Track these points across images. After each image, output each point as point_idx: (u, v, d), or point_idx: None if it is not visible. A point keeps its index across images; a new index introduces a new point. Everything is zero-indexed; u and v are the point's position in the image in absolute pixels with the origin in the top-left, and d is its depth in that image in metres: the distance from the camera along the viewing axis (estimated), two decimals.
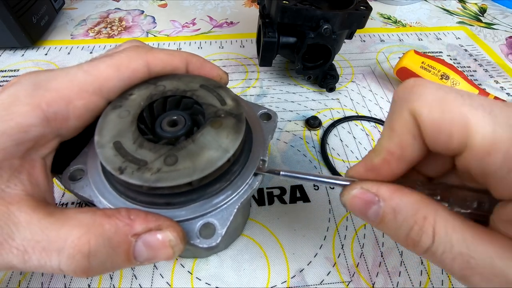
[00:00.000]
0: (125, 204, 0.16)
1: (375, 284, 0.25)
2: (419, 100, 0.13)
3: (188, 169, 0.15)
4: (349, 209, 0.16)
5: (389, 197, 0.14)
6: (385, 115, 0.38)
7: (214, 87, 0.19)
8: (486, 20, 0.57)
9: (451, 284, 0.25)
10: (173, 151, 0.16)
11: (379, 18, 0.56)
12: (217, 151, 0.16)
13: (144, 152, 0.15)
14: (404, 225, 0.14)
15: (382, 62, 0.46)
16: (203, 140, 0.16)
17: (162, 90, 0.19)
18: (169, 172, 0.15)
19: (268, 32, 0.34)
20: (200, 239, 0.15)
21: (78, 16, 0.55)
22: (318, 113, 0.38)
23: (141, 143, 0.16)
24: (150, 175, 0.15)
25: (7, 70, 0.43)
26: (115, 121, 0.17)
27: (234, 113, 0.18)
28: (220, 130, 0.17)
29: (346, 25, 0.34)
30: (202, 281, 0.25)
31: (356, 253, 0.27)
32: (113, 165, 0.15)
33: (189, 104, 0.19)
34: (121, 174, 0.15)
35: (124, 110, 0.17)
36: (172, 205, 0.16)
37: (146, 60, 0.18)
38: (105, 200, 0.16)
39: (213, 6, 0.59)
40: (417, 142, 0.14)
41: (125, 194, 0.17)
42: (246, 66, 0.45)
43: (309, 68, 0.38)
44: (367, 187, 0.15)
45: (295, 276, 0.25)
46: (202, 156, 0.15)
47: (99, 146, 0.16)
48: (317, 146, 0.35)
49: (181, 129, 0.17)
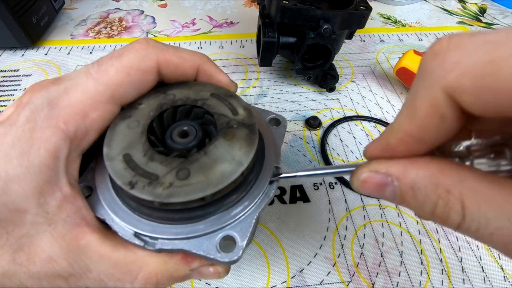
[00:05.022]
0: (139, 221, 0.16)
1: (375, 284, 0.25)
2: (457, 70, 0.10)
3: (202, 184, 0.14)
4: (362, 194, 0.15)
5: (402, 174, 0.12)
6: (385, 115, 0.38)
7: (225, 96, 0.18)
8: (486, 20, 0.57)
9: (451, 284, 0.25)
10: (185, 164, 0.15)
11: (379, 18, 0.56)
12: (230, 164, 0.15)
13: (155, 165, 0.15)
14: (428, 202, 0.12)
15: (382, 62, 0.46)
16: (215, 152, 0.16)
17: (172, 99, 0.18)
18: (181, 186, 0.14)
19: (268, 32, 0.34)
20: (221, 253, 0.15)
21: (78, 16, 0.55)
22: (318, 113, 0.38)
23: (151, 155, 0.15)
24: (162, 190, 0.14)
25: (7, 70, 0.43)
26: (124, 132, 0.16)
27: (247, 123, 0.17)
28: (233, 142, 0.16)
29: (346, 25, 0.34)
30: (202, 281, 0.25)
31: (356, 253, 0.27)
32: (123, 179, 0.14)
33: (199, 114, 0.18)
34: (132, 189, 0.14)
35: (134, 120, 0.17)
36: (188, 220, 0.16)
37: (156, 61, 0.17)
38: (118, 218, 0.16)
39: (213, 6, 0.59)
40: (447, 123, 0.11)
41: (138, 211, 0.16)
42: (246, 66, 0.45)
43: (309, 68, 0.38)
44: (375, 168, 0.13)
45: (295, 276, 0.25)
46: (216, 169, 0.15)
47: (108, 159, 0.15)
48: (317, 146, 0.35)
49: (192, 141, 0.17)
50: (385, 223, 0.29)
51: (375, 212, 0.29)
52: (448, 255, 0.27)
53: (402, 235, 0.28)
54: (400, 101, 0.40)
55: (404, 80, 0.40)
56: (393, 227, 0.28)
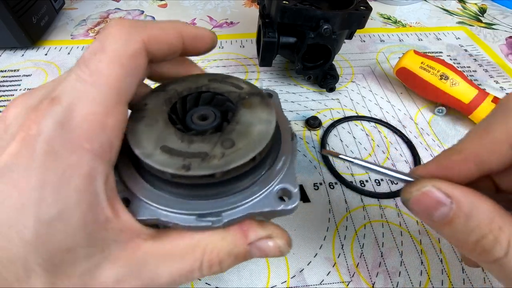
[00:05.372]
0: (196, 204, 0.16)
1: (375, 284, 0.25)
2: None
3: (249, 145, 0.15)
4: (410, 207, 0.15)
5: (463, 200, 0.13)
6: (385, 115, 0.38)
7: (223, 78, 0.19)
8: (486, 20, 0.57)
9: (451, 284, 0.25)
10: (224, 136, 0.16)
11: (379, 18, 0.57)
12: (262, 125, 0.17)
13: (197, 145, 0.15)
14: (476, 232, 0.13)
15: (382, 62, 0.46)
16: (244, 120, 0.17)
17: (175, 92, 0.18)
18: (233, 153, 0.15)
19: (268, 32, 0.34)
20: (283, 204, 0.16)
21: (78, 16, 0.55)
22: (318, 113, 0.38)
23: (189, 139, 0.16)
24: (218, 161, 0.15)
25: (7, 70, 0.43)
26: (147, 131, 0.16)
27: (255, 92, 0.19)
28: (252, 108, 0.17)
29: (346, 25, 0.34)
30: (202, 280, 0.25)
31: (356, 253, 0.27)
32: (175, 166, 0.14)
33: (208, 98, 0.19)
34: (188, 170, 0.14)
35: (150, 118, 0.17)
36: (244, 189, 0.16)
37: (142, 41, 0.15)
38: (172, 210, 0.16)
39: (213, 6, 0.59)
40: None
41: (190, 196, 0.16)
42: (246, 66, 0.45)
43: (309, 68, 0.38)
44: (439, 185, 0.14)
45: (295, 276, 0.25)
46: (253, 131, 0.16)
47: (147, 156, 0.15)
48: (317, 146, 0.35)
49: (214, 121, 0.17)
50: (385, 223, 0.29)
51: (375, 212, 0.29)
52: (448, 255, 0.27)
53: (402, 235, 0.28)
54: (400, 101, 0.40)
55: (404, 80, 0.40)
56: (393, 227, 0.28)
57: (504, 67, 0.46)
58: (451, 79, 0.35)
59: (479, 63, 0.47)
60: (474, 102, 0.34)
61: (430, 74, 0.36)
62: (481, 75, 0.45)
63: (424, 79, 0.36)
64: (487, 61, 0.47)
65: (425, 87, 0.37)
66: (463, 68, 0.46)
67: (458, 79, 0.35)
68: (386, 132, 0.36)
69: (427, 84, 0.36)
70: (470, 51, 0.49)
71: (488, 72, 0.45)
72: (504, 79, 0.44)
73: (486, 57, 0.48)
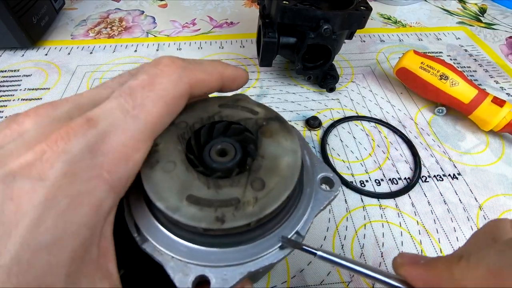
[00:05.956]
0: (234, 252, 0.14)
1: (375, 284, 0.25)
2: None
3: (281, 182, 0.14)
4: None
5: None
6: (385, 115, 0.38)
7: (233, 102, 0.18)
8: (486, 20, 0.57)
9: None
10: (253, 176, 0.14)
11: (379, 18, 0.57)
12: (288, 156, 0.15)
13: (226, 190, 0.14)
14: None
15: (382, 62, 0.46)
16: (269, 152, 0.15)
17: (187, 126, 0.16)
18: (267, 195, 0.14)
19: (268, 32, 0.34)
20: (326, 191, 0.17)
21: (78, 16, 0.55)
22: (318, 113, 0.38)
23: (216, 183, 0.14)
24: (252, 208, 0.13)
25: (7, 70, 0.43)
26: (165, 179, 0.14)
27: (272, 116, 0.17)
28: (274, 136, 0.16)
29: (346, 25, 0.34)
30: None
31: (356, 253, 0.27)
32: (208, 219, 0.13)
33: (221, 129, 0.17)
34: (223, 223, 0.13)
35: (165, 162, 0.15)
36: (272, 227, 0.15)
37: (188, 83, 0.15)
38: (219, 266, 0.14)
39: (213, 6, 0.59)
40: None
41: (226, 245, 0.14)
42: (246, 66, 0.45)
43: (309, 68, 0.38)
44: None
45: (295, 276, 0.25)
46: (280, 165, 0.15)
47: (173, 211, 0.13)
48: (317, 146, 0.35)
49: (234, 158, 0.16)
50: (385, 223, 0.29)
51: (375, 212, 0.29)
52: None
53: (402, 235, 0.28)
54: (400, 101, 0.40)
55: (404, 80, 0.40)
56: (393, 227, 0.28)
57: (504, 67, 0.46)
58: (451, 79, 0.35)
59: (479, 63, 0.47)
60: (474, 102, 0.34)
61: (430, 74, 0.36)
62: (481, 75, 0.45)
63: (424, 79, 0.36)
64: (487, 61, 0.47)
65: (425, 87, 0.37)
66: (463, 68, 0.46)
67: (458, 79, 0.35)
68: (386, 132, 0.36)
69: (427, 84, 0.36)
70: (470, 51, 0.49)
71: (488, 72, 0.45)
72: (504, 79, 0.44)
73: (486, 57, 0.48)
